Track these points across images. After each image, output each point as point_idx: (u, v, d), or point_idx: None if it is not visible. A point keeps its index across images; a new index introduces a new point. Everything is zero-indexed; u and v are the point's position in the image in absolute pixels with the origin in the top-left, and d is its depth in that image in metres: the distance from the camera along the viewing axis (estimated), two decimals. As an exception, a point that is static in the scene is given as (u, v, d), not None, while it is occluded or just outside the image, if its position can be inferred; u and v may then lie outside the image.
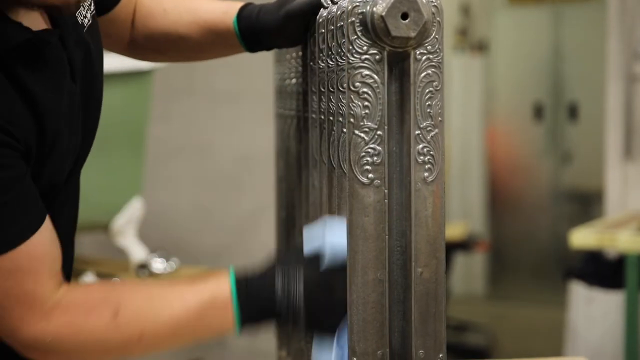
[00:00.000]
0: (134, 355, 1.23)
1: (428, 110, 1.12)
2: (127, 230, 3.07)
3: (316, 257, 1.17)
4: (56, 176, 1.25)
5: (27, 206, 1.16)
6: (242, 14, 1.38)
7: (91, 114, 1.34)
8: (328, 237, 1.18)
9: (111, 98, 2.97)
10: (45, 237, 1.18)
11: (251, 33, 1.37)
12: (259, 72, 3.41)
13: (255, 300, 1.19)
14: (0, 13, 1.14)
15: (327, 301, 1.16)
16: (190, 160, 3.97)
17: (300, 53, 1.42)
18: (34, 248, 1.16)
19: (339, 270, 1.15)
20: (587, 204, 6.18)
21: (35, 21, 1.20)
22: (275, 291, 1.17)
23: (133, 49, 1.52)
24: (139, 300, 1.21)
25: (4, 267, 1.14)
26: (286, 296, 1.17)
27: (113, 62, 2.69)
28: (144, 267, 3.05)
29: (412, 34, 1.09)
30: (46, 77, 1.20)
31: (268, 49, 1.40)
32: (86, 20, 1.29)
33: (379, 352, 1.13)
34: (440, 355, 1.15)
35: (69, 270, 1.39)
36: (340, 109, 1.12)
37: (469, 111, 6.57)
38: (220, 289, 1.20)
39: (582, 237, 3.50)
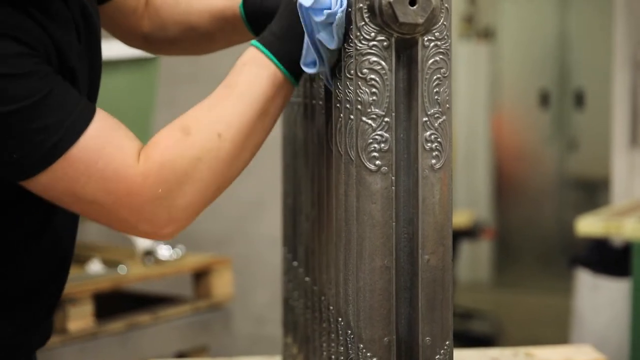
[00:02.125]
0: (242, 157, 1.23)
1: (436, 97, 1.12)
2: (133, 217, 3.07)
3: None
4: None
5: (75, 96, 1.17)
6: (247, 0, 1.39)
7: (93, 84, 1.34)
8: None
9: (117, 85, 2.97)
10: (104, 115, 1.18)
11: (256, 18, 1.37)
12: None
13: (275, 33, 1.20)
14: None
15: None
16: (196, 148, 3.96)
17: (307, 39, 1.42)
18: (104, 123, 1.17)
19: None
20: (593, 192, 6.18)
21: None
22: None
23: (148, 43, 1.53)
24: (198, 111, 1.21)
25: (90, 147, 1.14)
26: None
27: (119, 48, 2.68)
28: (149, 253, 3.06)
29: (420, 21, 1.09)
30: (57, 27, 1.21)
31: None
32: None
33: (385, 339, 1.13)
34: (447, 342, 1.15)
35: (69, 261, 1.40)
36: (348, 95, 1.12)
37: (475, 98, 6.56)
38: (249, 54, 1.21)
39: (588, 225, 3.50)
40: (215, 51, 1.55)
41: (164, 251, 3.09)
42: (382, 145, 1.11)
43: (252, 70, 1.19)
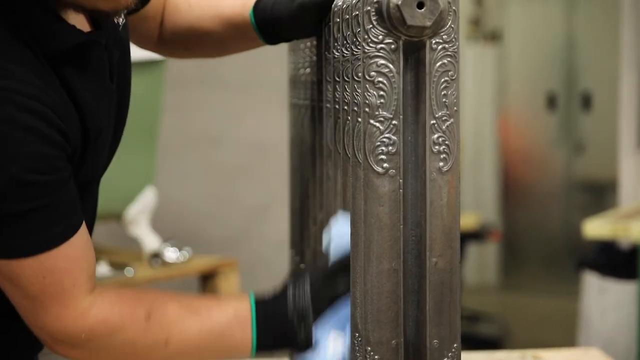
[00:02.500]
0: None
1: (443, 99, 1.11)
2: (140, 220, 3.07)
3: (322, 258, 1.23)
4: (93, 173, 1.30)
5: (70, 208, 1.19)
6: (257, 6, 1.38)
7: (123, 110, 1.38)
8: (333, 233, 1.22)
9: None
10: (82, 239, 1.21)
11: (267, 25, 1.37)
12: (272, 62, 3.40)
13: (272, 317, 1.25)
14: (53, 13, 1.17)
15: (331, 296, 1.23)
16: (203, 150, 3.97)
17: (314, 42, 1.42)
18: (74, 249, 1.19)
19: (342, 264, 1.21)
20: (600, 194, 6.17)
21: (81, 22, 1.23)
22: (287, 301, 1.25)
23: (162, 46, 1.54)
24: (170, 306, 1.25)
25: (44, 266, 1.17)
26: (295, 302, 1.24)
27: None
28: (156, 256, 3.06)
29: (428, 23, 1.09)
30: (90, 78, 1.23)
31: (286, 40, 1.40)
32: (121, 20, 1.31)
33: (393, 341, 1.13)
34: (455, 345, 1.15)
35: None
36: (355, 98, 1.12)
37: (482, 101, 6.56)
38: (241, 305, 1.26)
39: (596, 227, 3.49)
40: (228, 55, 1.56)
41: (171, 254, 3.09)
42: (390, 148, 1.11)
43: (236, 331, 1.24)
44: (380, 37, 1.10)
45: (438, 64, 1.11)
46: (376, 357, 1.13)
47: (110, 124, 1.32)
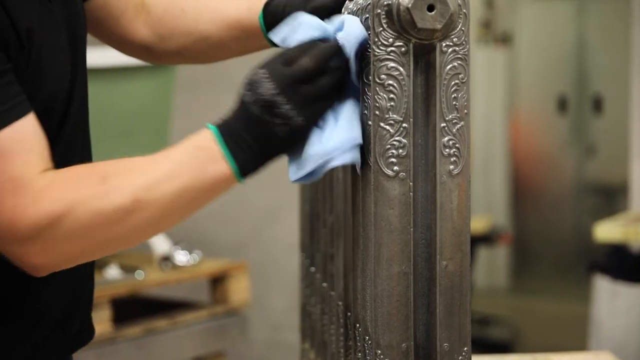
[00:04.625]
0: (145, 234, 1.16)
1: (454, 102, 1.11)
2: (150, 223, 3.07)
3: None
4: (48, 96, 1.21)
5: (9, 95, 1.12)
6: (267, 9, 1.37)
7: (77, 46, 1.30)
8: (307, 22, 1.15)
9: (134, 91, 2.98)
10: (30, 126, 1.13)
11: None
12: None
13: (237, 126, 1.12)
14: None
15: (296, 72, 1.11)
16: (213, 153, 3.96)
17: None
18: (18, 132, 1.11)
19: (304, 45, 1.12)
20: (611, 197, 6.15)
21: None
22: (245, 104, 1.12)
23: (150, 53, 1.50)
24: (125, 166, 1.15)
25: (6, 140, 1.10)
26: (255, 97, 1.11)
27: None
28: (167, 259, 3.06)
29: (438, 26, 1.09)
30: None
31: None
32: None
33: (403, 344, 1.12)
34: (465, 348, 1.14)
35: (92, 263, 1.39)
36: (366, 101, 1.12)
37: (493, 104, 6.55)
38: (199, 135, 1.14)
39: (607, 231, 3.48)
40: (225, 59, 1.53)
41: (181, 257, 3.10)
42: (400, 151, 1.11)
43: (201, 159, 1.13)
44: (391, 39, 1.10)
45: (448, 66, 1.11)
46: (386, 360, 1.12)
47: (61, 46, 1.24)
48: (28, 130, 1.13)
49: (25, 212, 1.10)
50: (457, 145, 1.12)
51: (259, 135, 1.12)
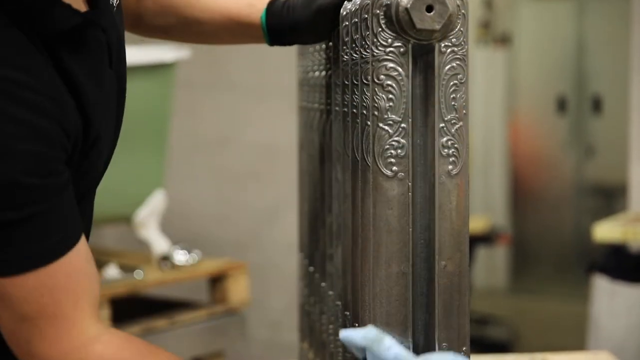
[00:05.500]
0: None
1: (452, 103, 1.11)
2: (149, 223, 3.08)
3: None
4: (93, 176, 1.19)
5: (68, 217, 1.07)
6: (271, 9, 1.34)
7: (121, 102, 1.27)
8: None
9: (134, 91, 2.98)
10: (83, 254, 1.09)
11: (280, 29, 1.33)
12: (282, 65, 3.41)
13: None
14: None
15: None
16: (212, 153, 3.97)
17: (323, 46, 1.42)
18: (74, 265, 1.07)
19: None
20: (610, 198, 6.15)
21: (76, 2, 1.12)
22: None
23: (137, 26, 1.45)
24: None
25: (40, 282, 1.04)
26: None
27: (136, 54, 2.69)
28: (166, 259, 3.06)
29: (437, 27, 1.09)
30: (89, 64, 1.12)
31: (290, 44, 1.38)
32: (115, 0, 1.23)
33: (402, 344, 1.12)
34: (464, 348, 1.14)
35: None
36: (364, 101, 1.12)
37: (492, 104, 6.55)
38: None
39: (606, 231, 3.48)
40: (212, 45, 1.49)
41: (181, 256, 3.10)
42: (399, 151, 1.11)
43: None
44: (389, 40, 1.10)
45: (447, 67, 1.11)
46: (385, 360, 1.12)
47: (112, 117, 1.20)
48: (82, 261, 1.09)
49: (67, 350, 1.07)
50: (455, 145, 1.12)
51: None
